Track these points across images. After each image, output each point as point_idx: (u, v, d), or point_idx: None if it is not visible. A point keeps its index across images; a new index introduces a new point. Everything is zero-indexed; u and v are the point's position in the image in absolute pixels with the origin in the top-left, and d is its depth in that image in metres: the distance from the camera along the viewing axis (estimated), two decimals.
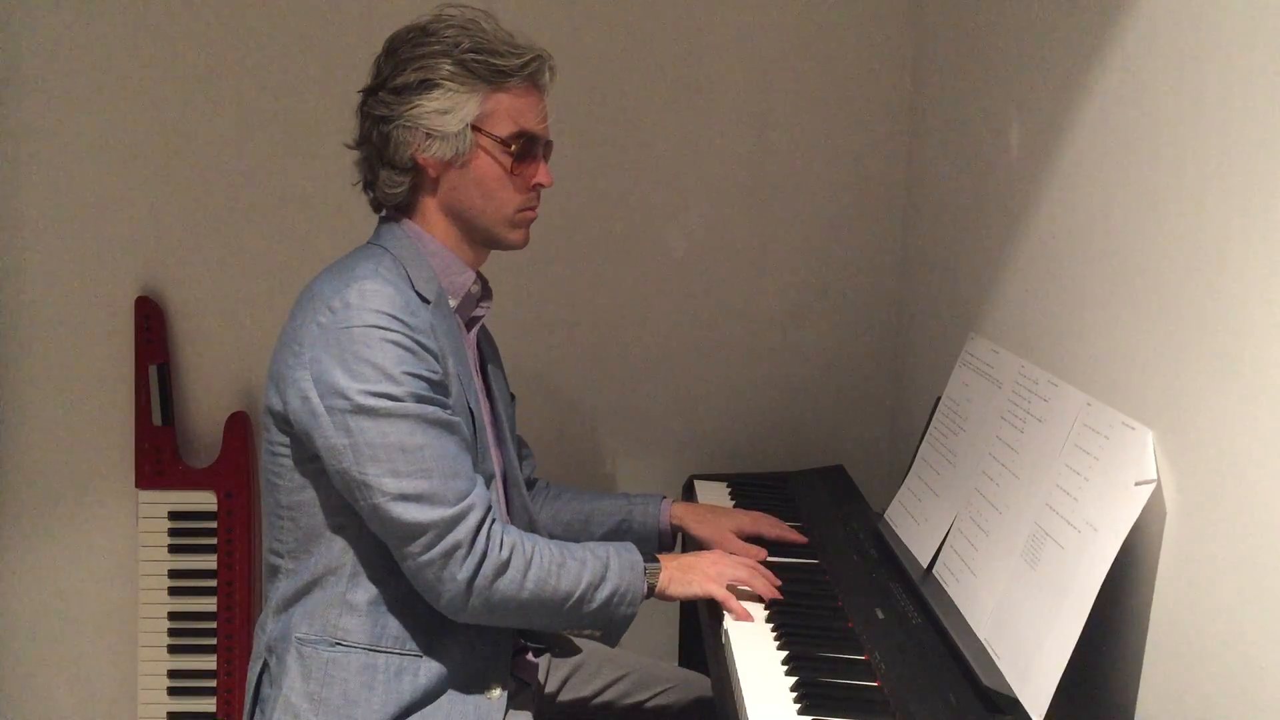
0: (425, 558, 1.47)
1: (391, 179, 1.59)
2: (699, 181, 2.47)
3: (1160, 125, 1.33)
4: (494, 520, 1.51)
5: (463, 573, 1.47)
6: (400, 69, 1.56)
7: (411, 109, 1.55)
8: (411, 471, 1.46)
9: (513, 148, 1.59)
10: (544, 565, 1.52)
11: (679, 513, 1.91)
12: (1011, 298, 1.82)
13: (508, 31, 1.60)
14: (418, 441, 1.46)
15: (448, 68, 1.54)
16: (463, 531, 1.47)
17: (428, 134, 1.56)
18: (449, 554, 1.46)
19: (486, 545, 1.49)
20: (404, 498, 1.45)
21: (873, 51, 2.44)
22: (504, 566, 1.49)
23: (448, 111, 1.55)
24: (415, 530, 1.46)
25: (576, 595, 1.54)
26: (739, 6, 2.42)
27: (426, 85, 1.55)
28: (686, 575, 1.63)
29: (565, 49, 1.66)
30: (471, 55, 1.55)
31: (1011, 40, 1.85)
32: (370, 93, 1.60)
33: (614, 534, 1.89)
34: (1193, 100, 1.25)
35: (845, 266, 2.51)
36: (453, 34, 1.56)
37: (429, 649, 1.56)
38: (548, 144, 1.65)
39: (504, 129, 1.58)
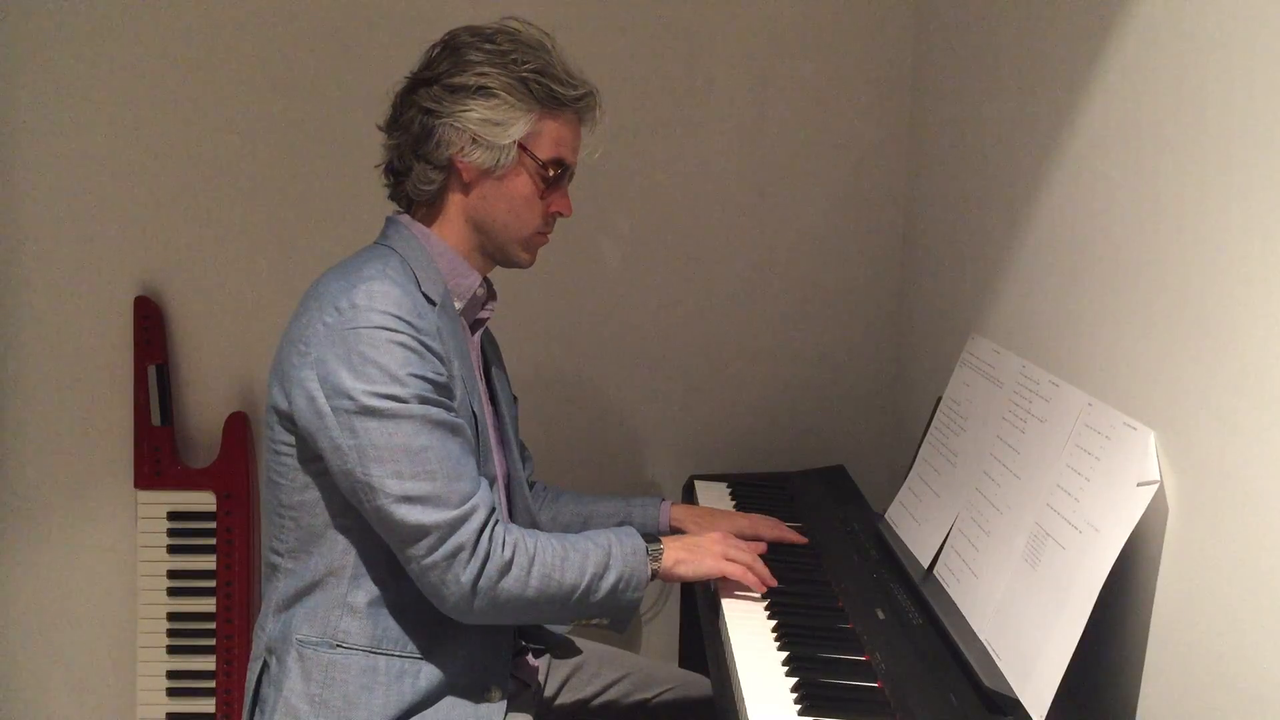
0: (429, 560, 1.46)
1: (426, 175, 1.60)
2: (699, 182, 2.47)
3: (1161, 124, 1.33)
4: (497, 521, 1.51)
5: (466, 575, 1.47)
6: (459, 69, 1.56)
7: (464, 111, 1.56)
8: (415, 473, 1.45)
9: (549, 172, 1.61)
10: (547, 561, 1.52)
11: (678, 515, 1.91)
12: (1012, 298, 1.82)
13: (567, 61, 1.62)
14: (422, 443, 1.46)
15: (508, 81, 1.56)
16: (466, 533, 1.47)
17: (474, 139, 1.57)
18: (452, 556, 1.46)
19: (489, 546, 1.48)
20: (407, 499, 1.45)
21: (873, 51, 2.44)
22: (507, 566, 1.49)
23: (499, 124, 1.56)
24: (419, 532, 1.46)
25: (582, 587, 1.54)
26: (739, 6, 2.41)
27: (484, 92, 1.56)
28: (696, 555, 1.63)
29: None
30: (534, 76, 1.57)
31: (1012, 40, 1.85)
32: (422, 83, 1.59)
33: None
34: (1194, 99, 1.25)
35: (845, 266, 2.51)
36: (519, 50, 1.58)
37: (429, 651, 1.55)
38: (571, 174, 1.67)
39: (545, 152, 1.60)
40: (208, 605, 2.45)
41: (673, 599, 2.52)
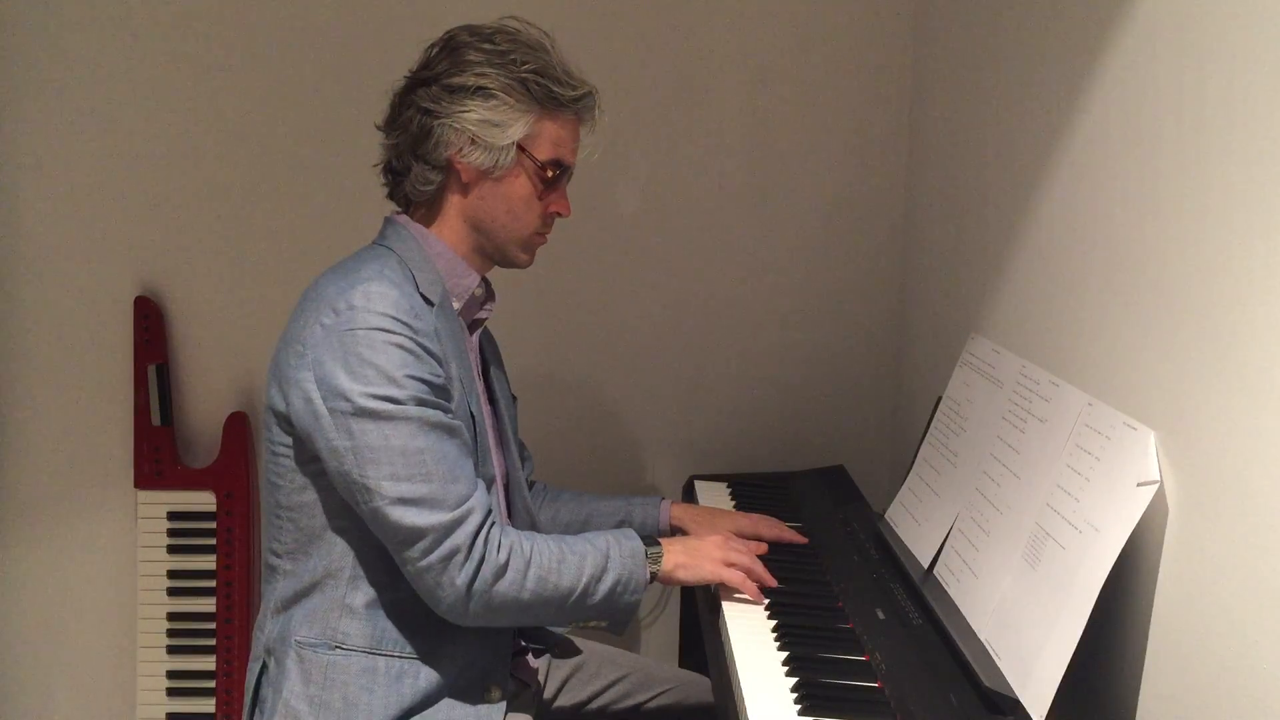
0: (424, 562, 1.46)
1: (424, 175, 1.59)
2: (699, 181, 2.47)
3: (1161, 124, 1.32)
4: (493, 524, 1.51)
5: (461, 577, 1.47)
6: (458, 69, 1.56)
7: (463, 112, 1.55)
8: (412, 475, 1.45)
9: (548, 173, 1.61)
10: (543, 564, 1.52)
11: (678, 514, 1.91)
12: (1012, 298, 1.82)
13: (566, 61, 1.62)
14: (418, 445, 1.46)
15: (507, 82, 1.56)
16: (461, 536, 1.47)
17: (473, 140, 1.56)
18: (448, 559, 1.46)
19: (485, 549, 1.48)
20: (403, 501, 1.45)
21: (873, 52, 2.44)
22: (503, 569, 1.49)
23: (498, 125, 1.56)
24: (414, 534, 1.46)
25: (579, 590, 1.53)
26: (739, 5, 2.41)
27: (483, 93, 1.55)
28: (695, 560, 1.63)
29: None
30: (533, 76, 1.56)
31: (1012, 40, 1.85)
32: (421, 83, 1.59)
33: None
34: (1193, 100, 1.25)
35: (845, 266, 2.51)
36: (518, 51, 1.57)
37: (429, 652, 1.55)
38: (570, 175, 1.67)
39: (544, 153, 1.60)
40: (208, 605, 2.45)
41: (673, 600, 2.52)
